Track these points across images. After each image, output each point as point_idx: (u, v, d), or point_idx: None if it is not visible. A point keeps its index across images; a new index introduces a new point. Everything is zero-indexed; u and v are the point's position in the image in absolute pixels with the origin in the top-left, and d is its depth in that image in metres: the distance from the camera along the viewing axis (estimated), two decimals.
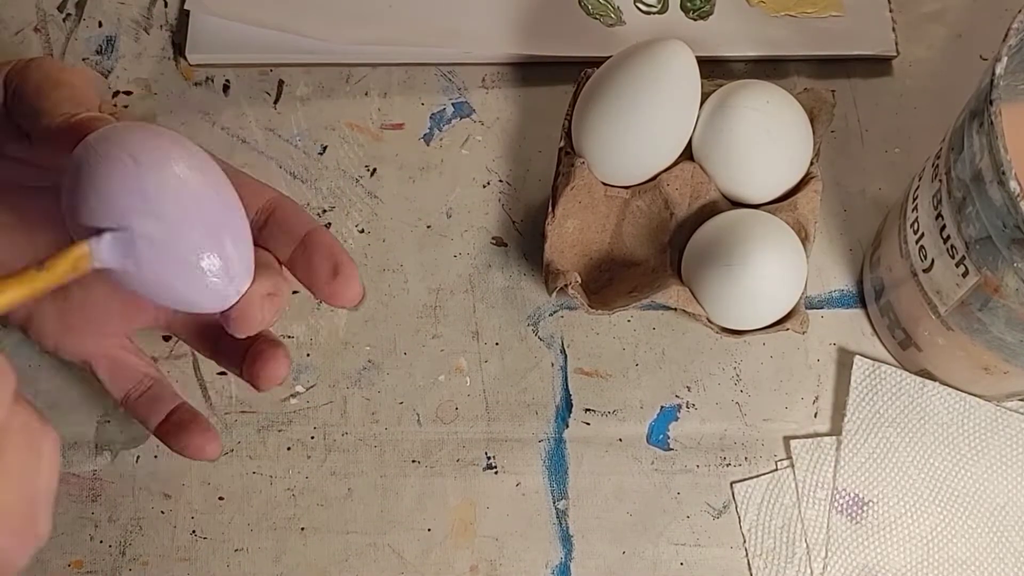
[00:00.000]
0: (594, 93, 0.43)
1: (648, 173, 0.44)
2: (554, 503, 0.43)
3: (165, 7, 0.51)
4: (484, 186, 0.48)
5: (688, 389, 0.44)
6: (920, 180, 0.39)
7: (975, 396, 0.43)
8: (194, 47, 0.48)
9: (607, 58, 0.43)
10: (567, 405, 0.44)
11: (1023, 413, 0.43)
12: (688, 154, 0.44)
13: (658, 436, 0.43)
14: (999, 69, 0.33)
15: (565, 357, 0.45)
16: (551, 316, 0.45)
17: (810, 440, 0.43)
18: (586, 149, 0.43)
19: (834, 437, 0.43)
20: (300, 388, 0.44)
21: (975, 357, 0.40)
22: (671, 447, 0.43)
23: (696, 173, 0.43)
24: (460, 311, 0.45)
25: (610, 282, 0.44)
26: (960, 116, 0.36)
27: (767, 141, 0.42)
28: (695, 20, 0.49)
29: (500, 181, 0.48)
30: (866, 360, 0.44)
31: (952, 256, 0.37)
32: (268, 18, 0.48)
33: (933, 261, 0.38)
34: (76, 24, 0.50)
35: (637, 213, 0.44)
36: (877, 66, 0.50)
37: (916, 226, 0.39)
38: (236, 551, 0.42)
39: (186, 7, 0.49)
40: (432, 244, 0.46)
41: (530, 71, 0.49)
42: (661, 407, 0.44)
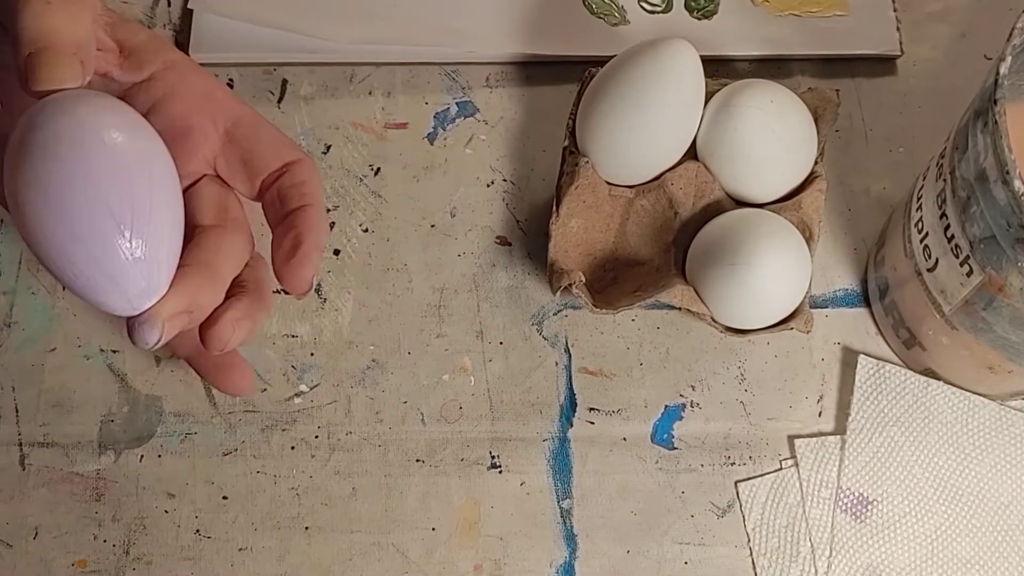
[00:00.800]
0: (598, 92, 0.43)
1: (652, 172, 0.44)
2: (558, 502, 0.43)
3: (168, 6, 0.51)
4: (488, 185, 0.48)
5: (692, 388, 0.44)
6: (924, 179, 0.40)
7: (979, 395, 0.43)
8: (198, 46, 0.49)
9: (611, 57, 0.44)
10: (571, 404, 0.44)
11: None
12: (692, 153, 0.44)
13: (662, 435, 0.44)
14: (1003, 68, 0.34)
15: (569, 356, 0.45)
16: (555, 315, 0.46)
17: (814, 439, 0.43)
18: (590, 148, 0.43)
19: (838, 436, 0.43)
20: (304, 387, 0.44)
21: (979, 356, 0.40)
22: (675, 446, 0.44)
23: (700, 172, 0.44)
24: (464, 310, 0.46)
25: (614, 281, 0.45)
26: (964, 116, 0.37)
27: (771, 140, 0.43)
28: (699, 19, 0.50)
29: (504, 180, 0.48)
30: (870, 359, 0.44)
31: (956, 255, 0.37)
32: (272, 17, 0.49)
33: (937, 260, 0.38)
34: None
35: (641, 212, 0.45)
36: (881, 65, 0.50)
37: (920, 225, 0.39)
38: (240, 550, 0.42)
39: (189, 6, 0.49)
40: (436, 243, 0.47)
41: (534, 70, 0.50)
42: (665, 406, 0.44)
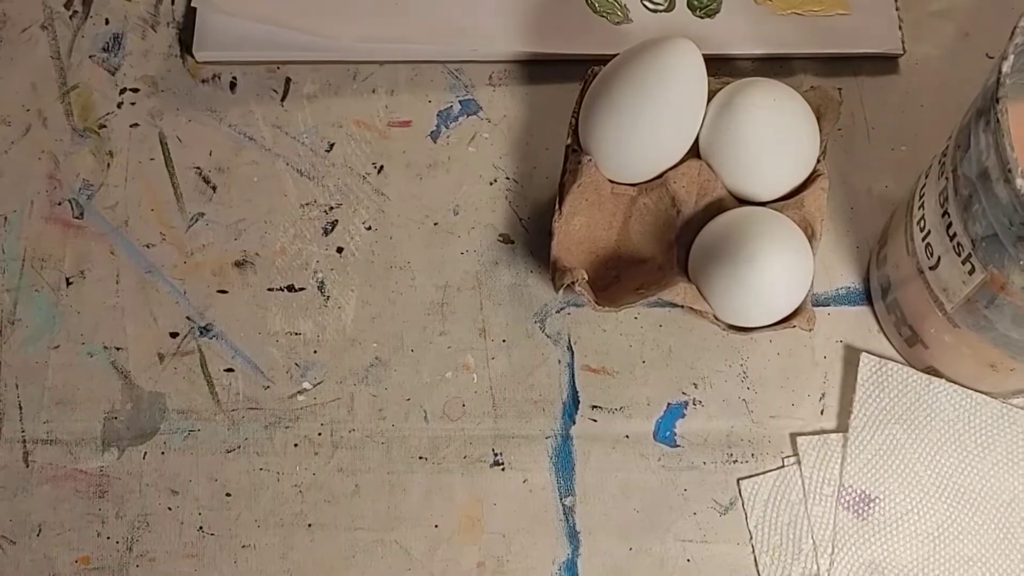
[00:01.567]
0: (601, 91, 0.43)
1: (655, 171, 0.44)
2: (561, 500, 0.43)
3: (172, 4, 0.51)
4: (491, 183, 0.48)
5: (695, 386, 0.45)
6: (926, 178, 0.40)
7: (981, 393, 0.44)
8: (201, 44, 0.49)
9: (614, 56, 0.44)
10: (574, 402, 0.45)
11: None
12: (695, 152, 0.44)
13: (665, 433, 0.44)
14: (1006, 67, 0.34)
15: (572, 354, 0.45)
16: (558, 313, 0.46)
17: (816, 437, 0.44)
18: (593, 147, 0.44)
19: (840, 434, 0.44)
20: (307, 385, 0.45)
21: (981, 354, 0.40)
22: (678, 444, 0.44)
23: (703, 171, 0.44)
24: (467, 308, 0.46)
25: (617, 279, 0.45)
26: (966, 114, 0.37)
27: (774, 139, 0.43)
28: (702, 18, 0.50)
29: (507, 178, 0.48)
30: (872, 357, 0.44)
31: (958, 253, 0.37)
32: (275, 16, 0.49)
33: (939, 259, 0.39)
34: (83, 21, 0.51)
35: (644, 211, 0.45)
36: (884, 64, 0.50)
37: (922, 224, 0.40)
38: (243, 547, 0.43)
39: (193, 4, 0.49)
40: (439, 241, 0.47)
41: (537, 69, 0.50)
42: (668, 404, 0.45)
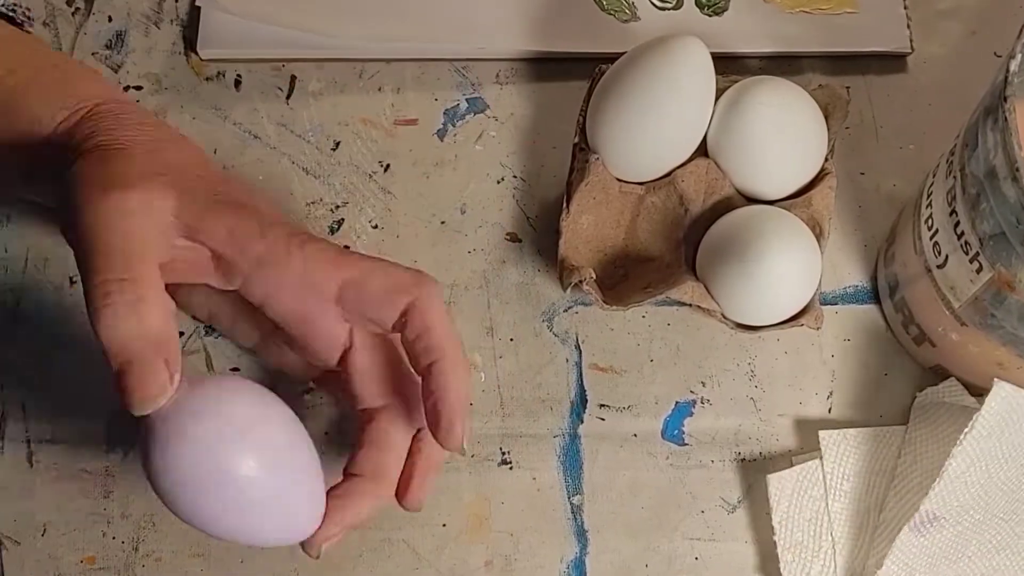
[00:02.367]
0: (609, 89, 0.44)
1: (663, 169, 0.45)
2: (569, 498, 0.44)
3: (176, 1, 0.52)
4: (498, 182, 0.49)
5: (703, 384, 0.45)
6: (934, 176, 0.41)
7: (979, 394, 0.42)
8: (205, 42, 0.49)
9: (622, 54, 0.44)
10: (582, 401, 0.45)
11: None
12: (703, 150, 0.45)
13: (673, 431, 0.45)
14: (1013, 66, 0.34)
15: (580, 353, 0.46)
16: (566, 312, 0.47)
17: (838, 432, 0.43)
18: (601, 145, 0.44)
19: (858, 429, 0.43)
20: (314, 384, 0.45)
21: (989, 353, 0.41)
22: (686, 442, 0.45)
23: (711, 169, 0.44)
24: (474, 307, 0.46)
25: (625, 278, 0.46)
26: (974, 113, 0.37)
27: (782, 137, 0.44)
28: (710, 16, 0.51)
29: (514, 177, 0.49)
30: (1006, 385, 0.41)
31: (966, 252, 0.38)
32: (280, 15, 0.49)
33: (947, 257, 0.39)
34: (85, 18, 0.51)
35: (652, 209, 0.45)
36: (892, 63, 0.51)
37: (930, 222, 0.40)
38: (250, 547, 0.43)
39: (197, 3, 0.49)
40: (446, 240, 0.48)
41: (544, 67, 0.50)
42: (676, 402, 0.45)
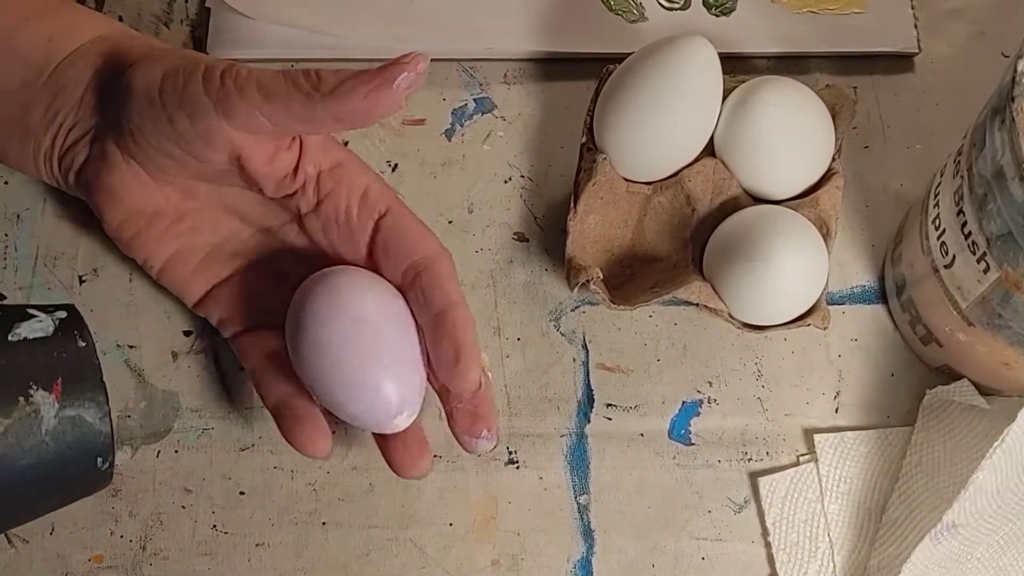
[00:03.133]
0: (616, 89, 0.44)
1: (670, 169, 0.45)
2: (576, 498, 0.44)
3: (186, 2, 0.52)
4: (506, 182, 0.49)
5: (709, 384, 0.46)
6: (942, 176, 0.41)
7: (986, 394, 0.43)
8: (215, 42, 0.50)
9: (629, 54, 0.45)
10: (589, 400, 0.46)
11: None
12: (710, 150, 0.45)
13: (679, 431, 0.45)
14: (1021, 66, 0.35)
15: (587, 352, 0.46)
16: (573, 311, 0.47)
17: (833, 435, 0.44)
18: (608, 145, 0.45)
19: (854, 432, 0.44)
20: None
21: (996, 353, 0.41)
22: (692, 442, 0.45)
23: (718, 169, 0.45)
24: (482, 306, 0.47)
25: (632, 278, 0.46)
26: (981, 113, 0.38)
27: (789, 137, 0.44)
28: (717, 16, 0.51)
29: (522, 177, 0.49)
30: (934, 393, 0.44)
31: (973, 252, 0.38)
32: (289, 16, 0.50)
33: (954, 257, 0.40)
34: None
35: (659, 209, 0.46)
36: (899, 63, 0.51)
37: (937, 222, 0.41)
38: (257, 546, 0.43)
39: (207, 4, 0.50)
40: (454, 240, 0.48)
41: (552, 66, 0.51)
42: (683, 402, 0.46)
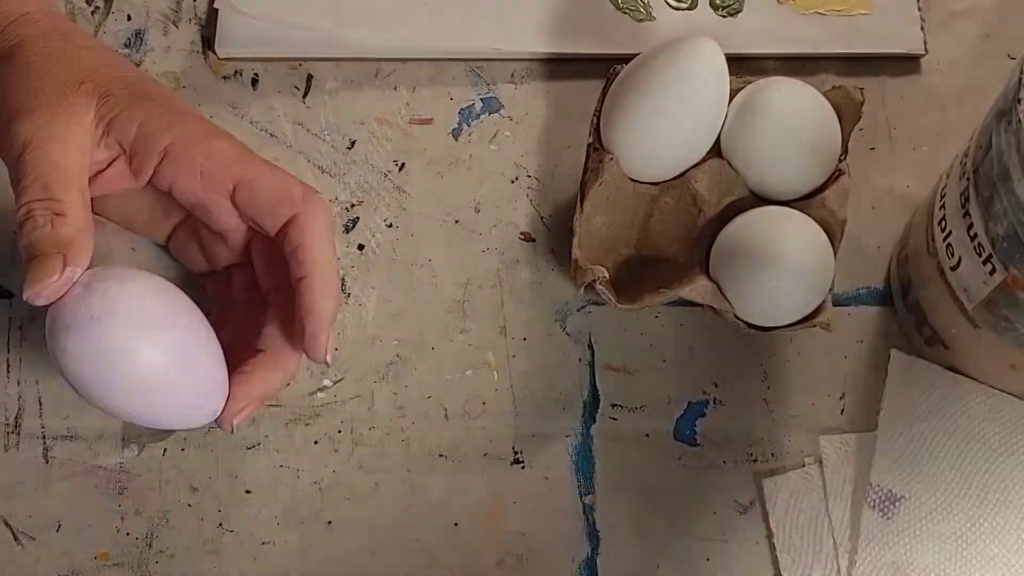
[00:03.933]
0: (623, 89, 0.45)
1: (676, 169, 0.45)
2: (581, 498, 0.45)
3: (194, 1, 0.52)
4: (512, 181, 0.50)
5: (715, 385, 0.46)
6: (948, 178, 0.41)
7: (1007, 393, 0.44)
8: (223, 41, 0.50)
9: (636, 54, 0.45)
10: (594, 400, 0.46)
11: None
12: (717, 151, 0.46)
13: (685, 432, 0.46)
14: None
15: (593, 353, 0.47)
16: (579, 312, 0.47)
17: (838, 437, 0.45)
18: (615, 145, 0.45)
19: (861, 434, 0.45)
20: (327, 382, 0.46)
21: (1002, 354, 0.41)
22: (698, 443, 0.45)
23: (724, 170, 0.45)
24: (488, 306, 0.47)
25: (638, 278, 0.46)
26: (988, 115, 0.38)
27: (795, 138, 0.44)
28: (724, 17, 0.51)
29: (528, 176, 0.50)
30: (902, 353, 0.45)
31: (979, 254, 0.38)
32: (297, 17, 0.50)
33: (960, 259, 0.40)
34: (104, 17, 0.52)
35: (665, 209, 0.46)
36: (905, 64, 0.51)
37: (944, 224, 0.41)
38: (263, 544, 0.44)
39: (215, 5, 0.51)
40: (460, 239, 0.48)
41: (559, 66, 0.51)
42: (688, 403, 0.46)
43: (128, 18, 0.52)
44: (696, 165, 0.45)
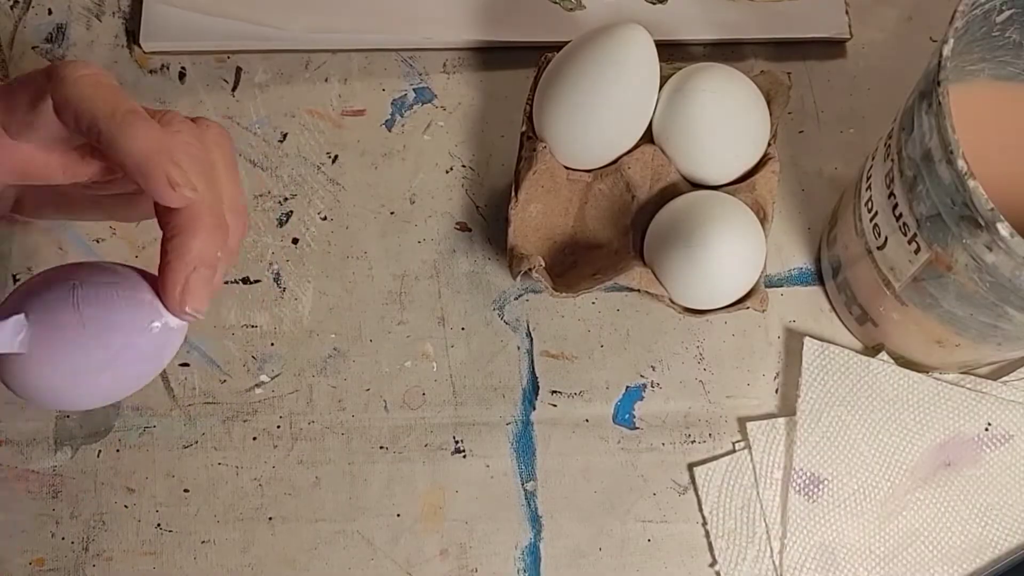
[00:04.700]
0: (554, 77, 0.45)
1: (609, 156, 0.46)
2: (522, 485, 0.45)
3: None
4: (447, 171, 0.50)
5: (652, 369, 0.47)
6: (873, 160, 0.42)
7: (918, 371, 0.46)
8: (148, 35, 0.50)
9: (567, 42, 0.45)
10: (533, 388, 0.46)
11: (962, 386, 0.46)
12: (648, 137, 0.46)
13: (623, 415, 0.46)
14: (946, 51, 0.36)
15: (531, 340, 0.47)
16: (516, 300, 0.48)
17: (765, 421, 0.46)
18: (548, 133, 0.45)
19: (788, 418, 0.46)
20: (265, 378, 0.46)
21: (928, 331, 0.42)
22: (636, 426, 0.46)
23: (656, 156, 0.46)
24: (425, 297, 0.47)
25: (574, 265, 0.47)
26: (910, 97, 0.39)
27: (725, 123, 0.45)
28: (653, 4, 0.52)
29: (463, 166, 0.50)
30: (815, 341, 0.46)
31: (904, 233, 0.39)
32: (223, 7, 0.50)
33: (887, 239, 0.41)
34: (24, 11, 0.51)
35: (599, 196, 0.47)
36: (831, 48, 0.52)
37: (870, 205, 0.42)
38: (203, 543, 0.44)
39: None
40: (396, 230, 0.48)
41: (491, 56, 0.51)
42: (626, 387, 0.47)
43: (49, 12, 0.51)
44: (628, 152, 0.46)
